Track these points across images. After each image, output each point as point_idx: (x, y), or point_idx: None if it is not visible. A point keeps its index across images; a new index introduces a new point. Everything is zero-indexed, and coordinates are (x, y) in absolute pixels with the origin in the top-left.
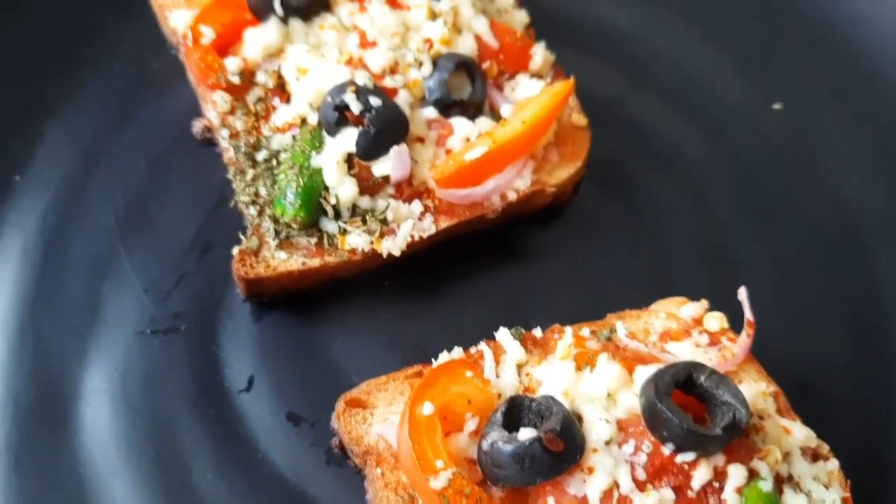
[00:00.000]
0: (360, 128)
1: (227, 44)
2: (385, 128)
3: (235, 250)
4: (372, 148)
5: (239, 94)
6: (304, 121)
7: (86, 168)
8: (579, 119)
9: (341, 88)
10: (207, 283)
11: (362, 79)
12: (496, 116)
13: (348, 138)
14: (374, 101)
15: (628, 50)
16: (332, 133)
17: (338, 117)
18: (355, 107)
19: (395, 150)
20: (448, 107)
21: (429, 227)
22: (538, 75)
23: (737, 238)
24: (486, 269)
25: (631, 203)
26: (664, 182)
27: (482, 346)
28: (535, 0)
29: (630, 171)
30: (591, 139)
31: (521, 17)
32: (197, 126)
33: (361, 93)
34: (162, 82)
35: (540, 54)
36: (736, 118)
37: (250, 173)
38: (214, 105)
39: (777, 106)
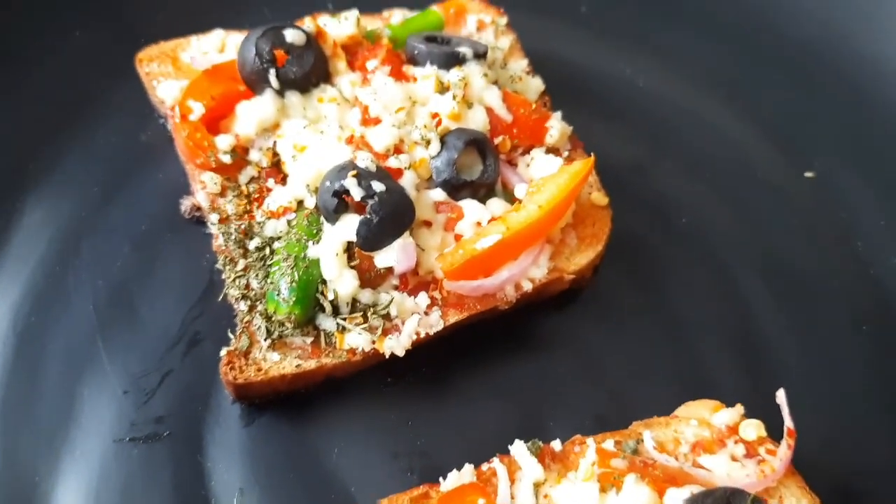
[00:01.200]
0: (362, 216)
1: (218, 117)
2: (389, 216)
3: (223, 352)
4: (374, 238)
5: (231, 173)
6: (300, 204)
7: (65, 252)
8: (599, 198)
9: (341, 172)
10: (194, 381)
11: (364, 160)
12: (509, 195)
13: (348, 226)
14: (377, 187)
15: (650, 116)
16: (331, 220)
17: (337, 203)
18: (356, 193)
19: (399, 241)
20: (457, 188)
21: (436, 323)
22: (555, 149)
23: (770, 327)
24: (497, 361)
25: (655, 285)
26: (690, 262)
27: (495, 462)
28: (550, 65)
29: (653, 249)
30: (612, 218)
31: (535, 85)
32: (186, 204)
33: (363, 177)
34: (150, 155)
35: (556, 127)
36: (766, 188)
37: (241, 263)
38: (203, 186)
39: (809, 174)
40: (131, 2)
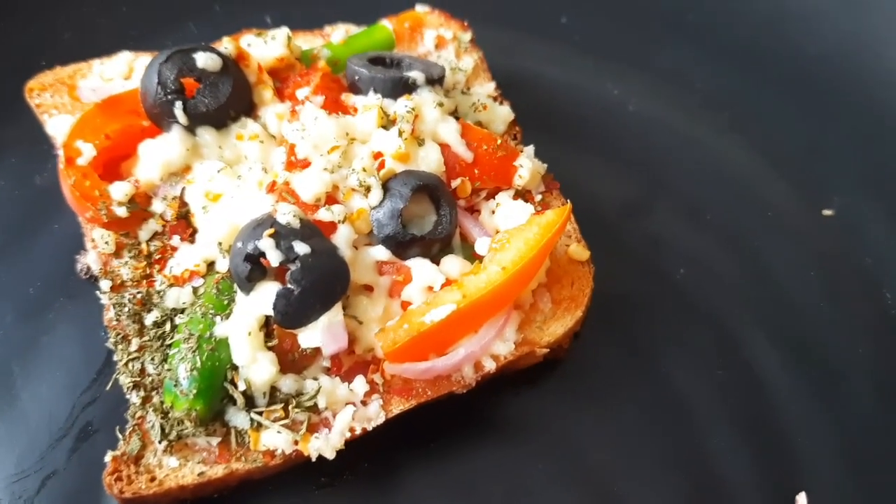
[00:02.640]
0: (281, 286)
1: (118, 158)
2: (314, 285)
3: (108, 457)
4: (297, 313)
5: (130, 227)
6: (211, 266)
7: None
8: (579, 251)
9: (256, 230)
10: (81, 487)
11: (286, 214)
12: (469, 251)
13: (265, 298)
14: (300, 249)
15: (641, 146)
16: (245, 289)
17: (251, 270)
18: (274, 257)
19: (328, 316)
20: (404, 245)
21: (376, 416)
22: (526, 192)
23: (784, 404)
24: (453, 453)
25: (647, 354)
26: (689, 324)
27: None
28: (522, 87)
29: (645, 309)
30: (594, 274)
31: (503, 114)
32: (82, 262)
33: (283, 236)
34: (44, 201)
35: (527, 166)
36: (777, 230)
37: (135, 343)
38: (94, 245)
39: (828, 213)
40: (28, 17)
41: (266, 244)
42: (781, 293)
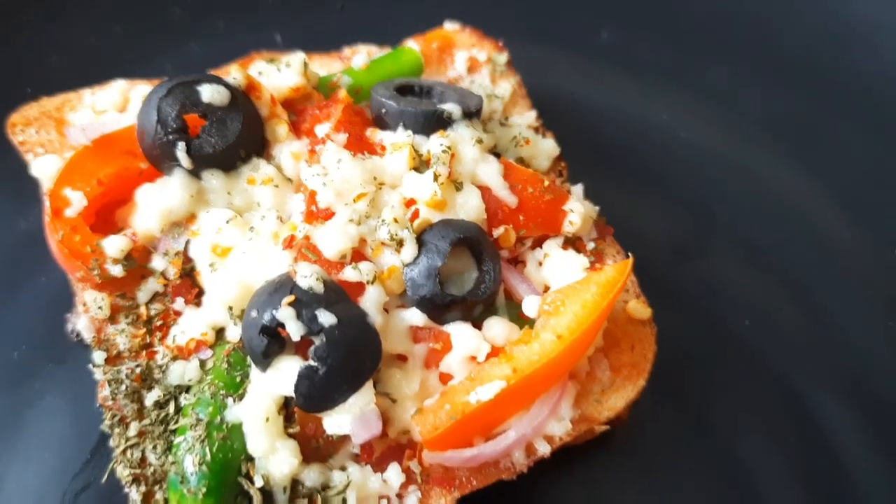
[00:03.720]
0: (304, 362)
1: (112, 205)
2: (342, 364)
3: None
4: (322, 396)
5: (126, 287)
6: (220, 334)
7: None
8: (639, 309)
9: (273, 296)
10: None
11: (307, 276)
12: (515, 310)
13: (285, 376)
14: (325, 319)
15: (694, 178)
16: (260, 365)
17: (268, 344)
18: (295, 329)
19: (356, 401)
20: (443, 307)
21: None
22: (576, 238)
23: (864, 480)
24: None
25: (710, 420)
26: (752, 384)
27: None
28: (562, 113)
29: (706, 367)
30: (656, 335)
31: (548, 149)
32: (73, 323)
33: (305, 304)
34: (31, 250)
35: (578, 211)
36: (845, 275)
37: (134, 427)
38: (85, 308)
39: None
40: (11, 37)
41: (285, 314)
42: (851, 345)
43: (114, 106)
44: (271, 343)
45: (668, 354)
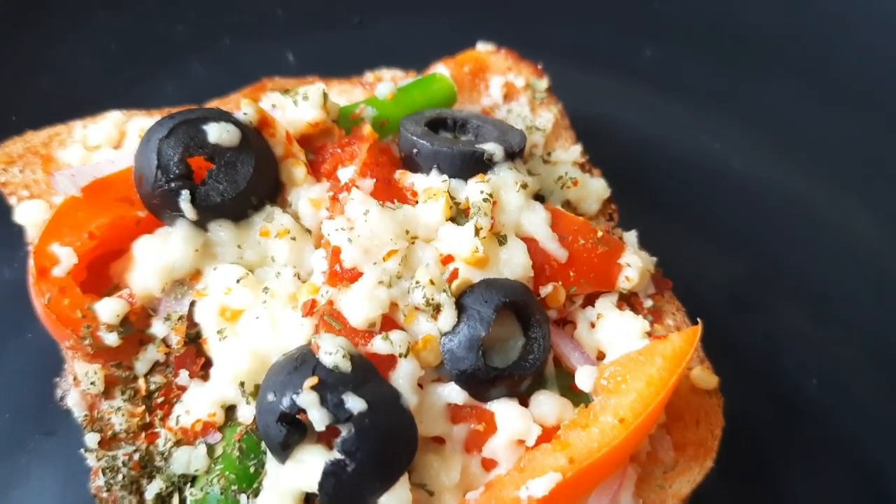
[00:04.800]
0: (330, 457)
1: (107, 257)
2: (374, 457)
3: None
4: (350, 495)
5: (123, 356)
6: (230, 412)
7: None
8: (705, 377)
9: (292, 376)
10: None
11: (332, 351)
12: (564, 378)
13: (306, 470)
14: (354, 405)
15: (751, 215)
16: (279, 456)
17: (286, 434)
18: (318, 418)
19: (389, 501)
20: (485, 383)
21: None
22: (631, 294)
23: None
24: None
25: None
26: (824, 455)
27: None
28: (604, 141)
29: (770, 439)
30: (724, 407)
31: (597, 190)
32: (63, 388)
33: (329, 387)
34: (15, 303)
35: (635, 265)
36: None
37: None
38: (76, 382)
39: None
40: None
41: (308, 400)
42: None
43: (108, 141)
44: (291, 432)
45: (733, 422)
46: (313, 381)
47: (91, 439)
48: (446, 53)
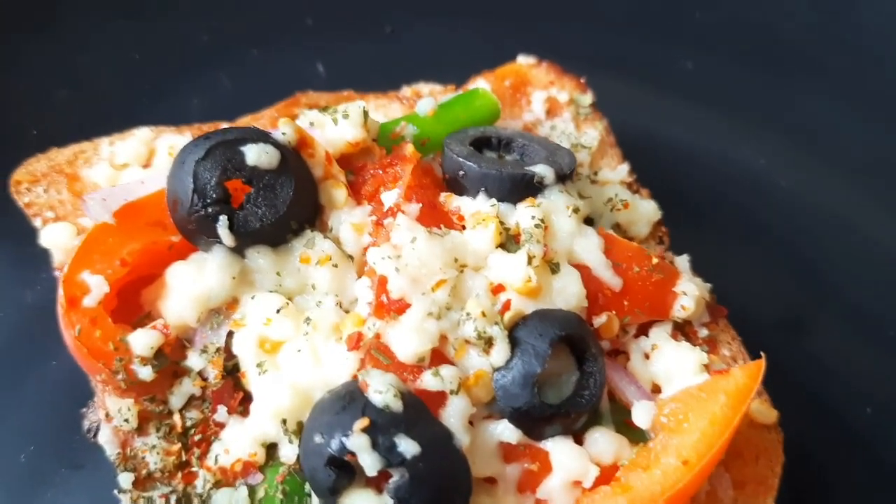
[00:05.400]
0: (380, 500)
1: (136, 282)
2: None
3: None
4: None
5: (156, 390)
6: (271, 451)
7: None
8: (764, 411)
9: (340, 417)
10: None
11: (384, 391)
12: (619, 413)
13: None
14: (407, 448)
15: (794, 232)
16: (326, 500)
17: (336, 479)
18: (370, 463)
19: None
20: (540, 420)
21: None
22: (685, 323)
23: None
24: None
25: None
26: (879, 486)
27: None
28: (639, 155)
29: (824, 472)
30: (783, 443)
31: (647, 213)
32: (92, 419)
33: (381, 428)
34: (38, 328)
35: (691, 293)
36: None
37: None
38: (108, 418)
39: None
40: (11, 66)
41: (358, 444)
42: None
43: (136, 159)
44: (340, 476)
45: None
46: (364, 422)
47: (125, 479)
48: (480, 63)
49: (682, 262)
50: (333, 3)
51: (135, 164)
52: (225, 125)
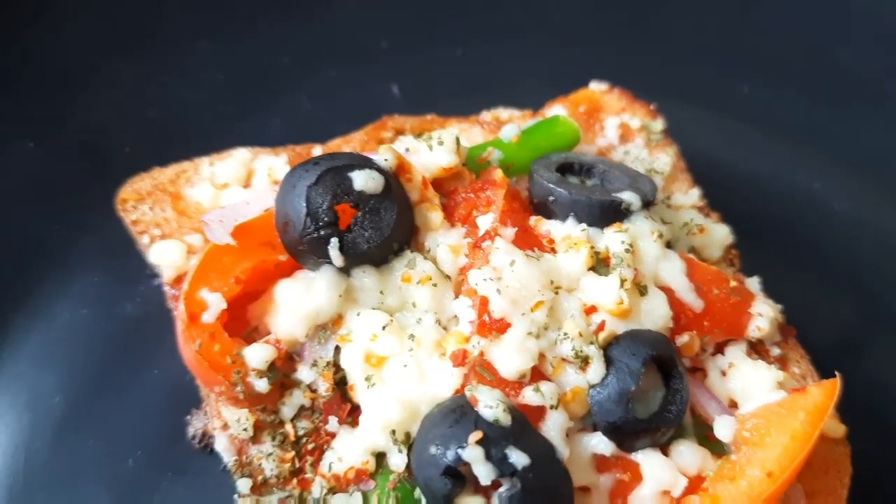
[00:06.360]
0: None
1: (241, 301)
2: None
3: None
4: None
5: (266, 400)
6: (381, 460)
7: None
8: (833, 426)
9: (454, 429)
10: None
11: (494, 406)
12: (700, 427)
13: None
14: (518, 460)
15: (848, 255)
16: None
17: (451, 488)
18: (484, 473)
19: None
20: (632, 434)
21: None
22: (759, 343)
23: None
24: None
25: None
26: None
27: None
28: (714, 182)
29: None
30: (851, 457)
31: (721, 237)
32: (196, 426)
33: (493, 441)
34: (138, 338)
35: (766, 315)
36: None
37: None
38: (225, 427)
39: None
40: (101, 87)
41: (473, 455)
42: None
43: (236, 179)
44: (455, 487)
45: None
46: (478, 435)
47: (244, 484)
48: (546, 85)
49: (753, 283)
50: (407, 26)
51: (235, 184)
52: (318, 147)
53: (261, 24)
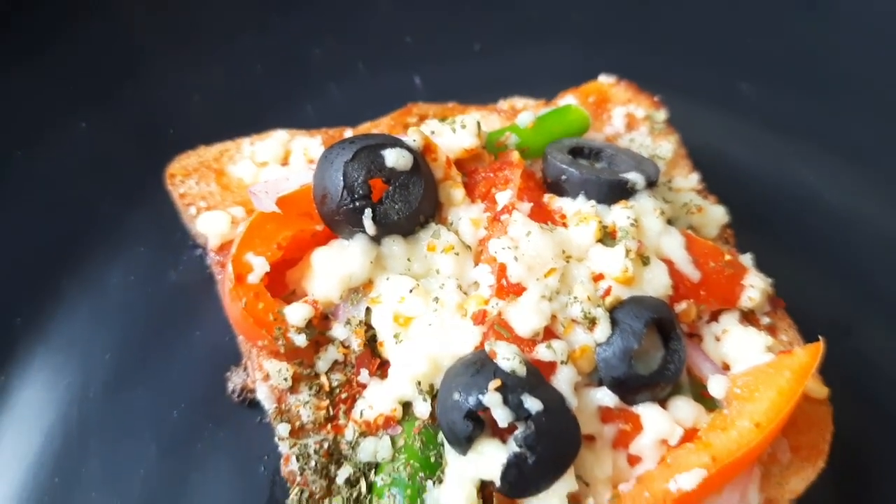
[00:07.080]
0: (511, 450)
1: (280, 267)
2: (550, 452)
3: None
4: (529, 483)
5: (304, 354)
6: (406, 408)
7: (64, 462)
8: (817, 389)
9: (475, 378)
10: None
11: (508, 357)
12: (696, 386)
13: (486, 460)
14: (533, 406)
15: (839, 244)
16: (460, 448)
17: (472, 430)
18: (502, 416)
19: (559, 488)
20: (634, 388)
21: None
22: (750, 313)
23: None
24: None
25: None
26: None
27: None
28: (714, 170)
29: (881, 451)
30: (833, 417)
31: (717, 217)
32: (235, 382)
33: (510, 388)
34: (182, 302)
35: (757, 286)
36: None
37: None
38: (266, 377)
39: None
40: (150, 74)
41: (493, 400)
42: None
43: (275, 158)
44: (475, 429)
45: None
46: (497, 383)
47: (283, 429)
48: (557, 80)
49: (747, 259)
50: (430, 24)
51: (273, 162)
52: (349, 131)
53: (294, 20)
